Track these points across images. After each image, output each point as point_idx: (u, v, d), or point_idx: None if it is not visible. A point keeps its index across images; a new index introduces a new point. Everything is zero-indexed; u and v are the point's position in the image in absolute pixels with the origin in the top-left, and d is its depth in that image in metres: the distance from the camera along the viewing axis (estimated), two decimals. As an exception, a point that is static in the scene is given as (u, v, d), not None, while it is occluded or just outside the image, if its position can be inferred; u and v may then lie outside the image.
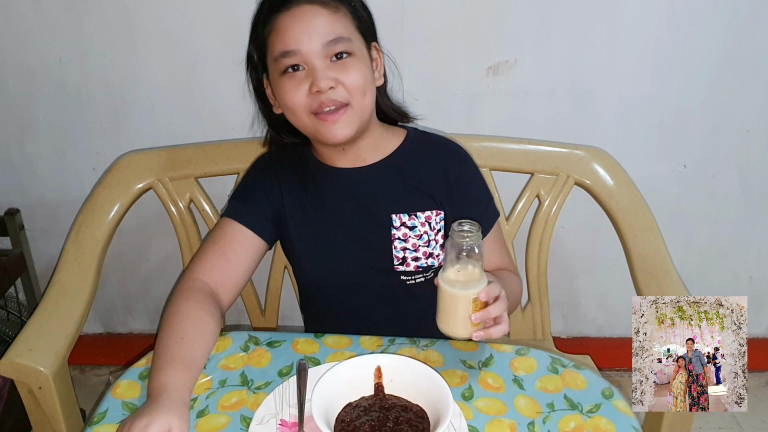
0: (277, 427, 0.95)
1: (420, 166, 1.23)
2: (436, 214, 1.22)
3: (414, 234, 1.21)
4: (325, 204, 1.23)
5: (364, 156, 1.20)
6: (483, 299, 0.99)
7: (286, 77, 1.11)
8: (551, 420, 0.97)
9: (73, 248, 1.39)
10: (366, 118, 1.15)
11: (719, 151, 1.77)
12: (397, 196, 1.22)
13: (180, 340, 1.04)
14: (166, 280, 1.98)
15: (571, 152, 1.46)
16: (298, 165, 1.24)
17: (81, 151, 1.81)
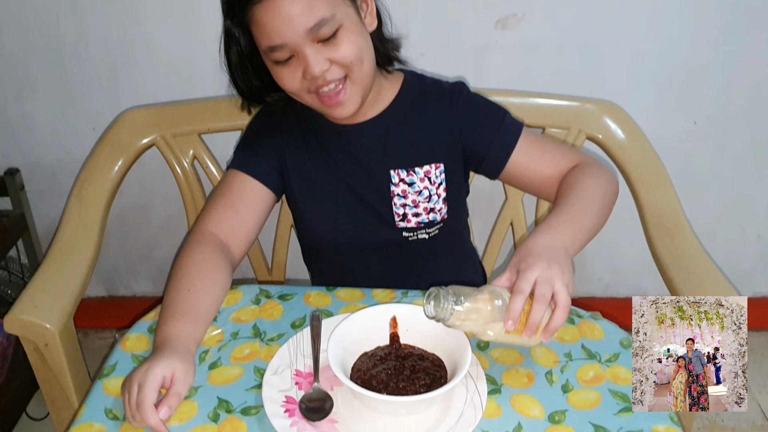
0: (292, 377, 0.93)
1: (418, 114, 1.19)
2: (435, 167, 1.19)
3: (413, 190, 1.19)
4: (326, 160, 1.21)
5: (364, 111, 1.17)
6: (510, 329, 0.89)
7: (279, 67, 1.07)
8: (569, 369, 0.96)
9: (76, 205, 1.37)
10: (368, 83, 1.11)
11: (730, 108, 1.74)
12: (396, 151, 1.19)
13: (187, 292, 1.02)
14: (169, 241, 1.96)
15: (582, 106, 1.43)
16: (301, 118, 1.21)
17: (80, 111, 1.77)
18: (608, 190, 1.14)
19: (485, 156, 1.19)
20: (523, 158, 1.17)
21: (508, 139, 1.17)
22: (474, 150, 1.19)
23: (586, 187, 1.10)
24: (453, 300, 0.87)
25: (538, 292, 0.89)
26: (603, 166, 1.18)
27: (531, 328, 0.88)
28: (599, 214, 1.09)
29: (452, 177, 1.20)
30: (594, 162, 1.18)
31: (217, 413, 0.90)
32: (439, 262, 1.28)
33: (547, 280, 0.89)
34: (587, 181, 1.12)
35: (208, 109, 1.45)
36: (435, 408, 0.88)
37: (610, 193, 1.15)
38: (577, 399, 0.91)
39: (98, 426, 0.89)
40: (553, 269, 0.90)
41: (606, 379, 0.94)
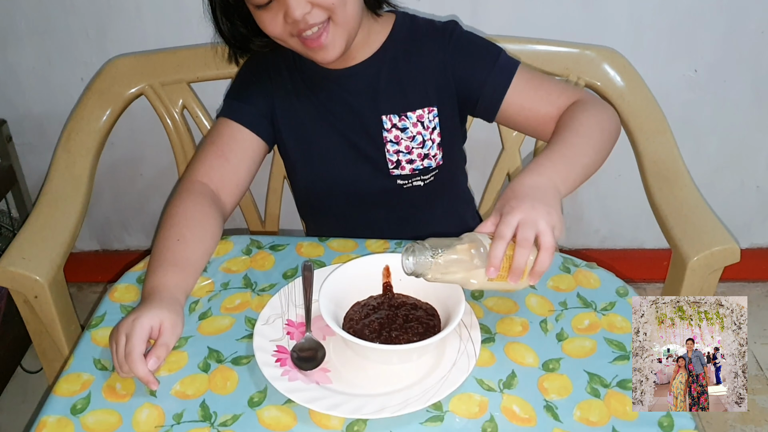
0: (283, 326, 0.92)
1: (410, 57, 1.15)
2: (429, 111, 1.15)
3: (406, 136, 1.15)
4: (317, 106, 1.17)
5: (354, 55, 1.13)
6: (493, 276, 0.85)
7: (260, 12, 1.03)
8: (564, 318, 0.95)
9: (63, 156, 1.34)
10: (353, 26, 1.06)
11: (732, 55, 1.70)
12: (387, 95, 1.15)
13: (176, 241, 1.00)
14: (161, 194, 1.94)
15: (581, 52, 1.39)
16: (290, 64, 1.17)
17: (67, 61, 1.73)
18: (606, 127, 1.09)
19: (480, 96, 1.14)
20: (518, 97, 1.13)
21: (502, 78, 1.13)
22: (468, 91, 1.15)
23: (582, 124, 1.06)
24: (430, 253, 0.85)
25: (520, 236, 0.86)
26: (603, 102, 1.14)
27: (515, 273, 0.86)
28: (596, 150, 1.05)
29: (446, 121, 1.17)
30: (593, 98, 1.14)
31: (208, 363, 0.89)
32: (435, 209, 1.26)
33: (530, 222, 0.86)
34: (583, 117, 1.07)
35: (197, 57, 1.41)
36: (428, 357, 0.87)
37: (609, 130, 1.10)
38: (572, 347, 0.90)
39: (87, 376, 0.88)
40: (537, 210, 0.87)
41: (601, 328, 0.93)
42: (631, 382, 0.85)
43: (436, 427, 0.80)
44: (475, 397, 0.83)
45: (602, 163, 1.08)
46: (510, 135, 1.44)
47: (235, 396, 0.84)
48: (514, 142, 1.45)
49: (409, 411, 0.79)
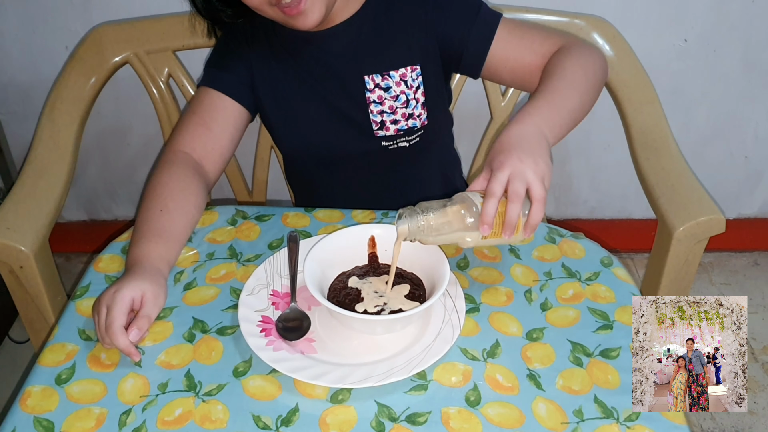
0: (268, 296, 0.92)
1: (390, 15, 1.14)
2: (412, 69, 1.14)
3: (389, 95, 1.14)
4: (297, 70, 1.16)
5: (333, 16, 1.11)
6: (486, 233, 0.86)
7: None
8: (548, 288, 0.95)
9: (47, 126, 1.32)
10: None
11: (722, 24, 1.69)
12: (369, 55, 1.14)
13: (159, 212, 1.00)
14: (148, 164, 1.92)
15: (570, 21, 1.38)
16: (269, 29, 1.15)
17: (51, 28, 1.70)
18: (591, 69, 1.07)
19: (463, 51, 1.13)
20: (503, 50, 1.12)
21: (485, 31, 1.11)
22: (451, 47, 1.14)
23: (567, 68, 1.05)
24: (422, 217, 0.86)
25: (510, 190, 0.86)
26: (589, 45, 1.13)
27: (508, 227, 0.86)
28: (583, 93, 1.04)
29: (430, 80, 1.16)
30: (578, 42, 1.12)
31: (193, 333, 0.89)
32: (421, 171, 1.25)
33: (519, 174, 0.86)
34: (568, 62, 1.06)
35: (182, 25, 1.38)
36: (412, 327, 0.88)
37: (595, 72, 1.08)
38: (556, 317, 0.91)
39: (71, 346, 0.88)
40: (525, 162, 0.87)
41: (585, 297, 0.94)
42: (614, 351, 0.86)
43: (419, 396, 0.81)
44: (459, 366, 0.84)
45: (590, 107, 1.07)
46: (498, 105, 1.43)
47: (220, 366, 0.85)
48: (503, 111, 1.44)
49: (394, 380, 0.80)
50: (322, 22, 1.05)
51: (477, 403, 0.80)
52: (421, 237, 0.87)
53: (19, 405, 0.81)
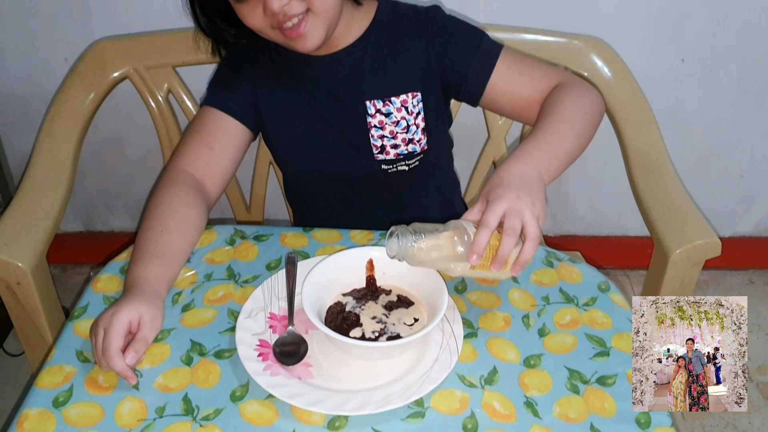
0: (266, 320, 0.92)
1: (392, 43, 1.15)
2: (413, 96, 1.15)
3: (390, 121, 1.15)
4: (300, 93, 1.17)
5: (336, 42, 1.13)
6: (475, 263, 0.86)
7: (240, 5, 1.03)
8: (546, 313, 0.95)
9: (46, 140, 1.33)
10: (333, 15, 1.06)
11: (719, 45, 1.70)
12: (371, 81, 1.15)
13: (159, 232, 1.00)
14: (146, 176, 1.93)
15: (569, 42, 1.39)
16: (273, 52, 1.16)
17: (51, 41, 1.71)
18: (590, 110, 1.09)
19: (463, 81, 1.14)
20: (502, 82, 1.13)
21: (485, 63, 1.13)
22: (451, 76, 1.15)
23: (565, 108, 1.06)
24: (413, 238, 0.86)
25: (507, 225, 0.86)
26: (586, 84, 1.14)
27: (500, 261, 0.86)
28: (579, 136, 1.05)
29: (431, 106, 1.17)
30: (576, 80, 1.13)
31: (190, 356, 0.89)
32: (421, 194, 1.26)
33: (516, 211, 0.87)
34: (566, 101, 1.07)
35: (183, 41, 1.39)
36: (410, 352, 0.88)
37: (593, 112, 1.09)
38: (553, 343, 0.91)
39: (69, 368, 0.88)
40: (522, 200, 0.88)
41: (582, 323, 0.94)
42: (610, 379, 0.86)
43: (417, 424, 0.81)
44: (457, 393, 0.84)
45: (586, 147, 1.08)
46: (496, 123, 1.44)
47: (217, 390, 0.85)
48: (500, 130, 1.45)
49: (391, 408, 0.80)
50: (322, 45, 1.06)
51: (474, 430, 0.80)
52: (409, 258, 0.87)
53: (16, 428, 0.81)
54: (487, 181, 0.94)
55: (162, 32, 1.42)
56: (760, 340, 1.88)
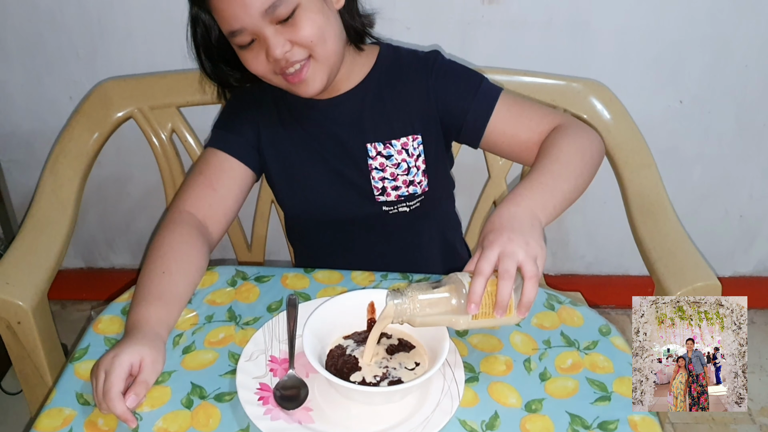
0: (266, 363, 0.92)
1: (393, 87, 1.17)
2: (413, 139, 1.16)
3: (391, 163, 1.16)
4: (302, 136, 1.19)
5: (338, 86, 1.15)
6: (474, 312, 0.85)
7: (243, 51, 1.06)
8: (548, 357, 0.95)
9: (50, 179, 1.34)
10: (335, 61, 1.08)
11: (717, 87, 1.73)
12: (372, 124, 1.16)
13: (161, 274, 1.00)
14: (148, 214, 1.93)
15: (568, 85, 1.41)
16: (277, 95, 1.18)
17: (57, 79, 1.73)
18: (588, 151, 1.09)
19: (463, 124, 1.16)
20: (501, 124, 1.14)
21: (485, 105, 1.14)
22: (451, 119, 1.17)
23: (562, 150, 1.07)
24: (409, 301, 0.86)
25: (501, 268, 0.86)
26: (584, 126, 1.15)
27: (500, 306, 0.86)
28: (577, 176, 1.06)
29: (431, 148, 1.18)
30: (574, 123, 1.14)
31: (191, 399, 0.89)
32: (422, 235, 1.27)
33: (510, 254, 0.86)
34: (564, 143, 1.08)
35: (187, 82, 1.41)
36: (411, 397, 0.87)
37: (591, 154, 1.10)
38: (555, 387, 0.91)
39: (69, 411, 0.87)
40: (515, 241, 0.88)
41: (584, 368, 0.94)
42: (612, 424, 0.86)
43: (417, 470, 0.80)
44: (458, 439, 0.84)
45: (585, 188, 1.08)
46: (496, 163, 1.45)
47: (217, 434, 0.84)
48: (501, 170, 1.46)
49: (392, 453, 0.79)
50: (324, 90, 1.08)
51: (475, 477, 0.79)
52: (410, 320, 0.87)
53: (14, 472, 0.80)
54: (483, 228, 0.94)
55: (166, 73, 1.44)
56: (762, 382, 1.87)
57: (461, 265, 0.93)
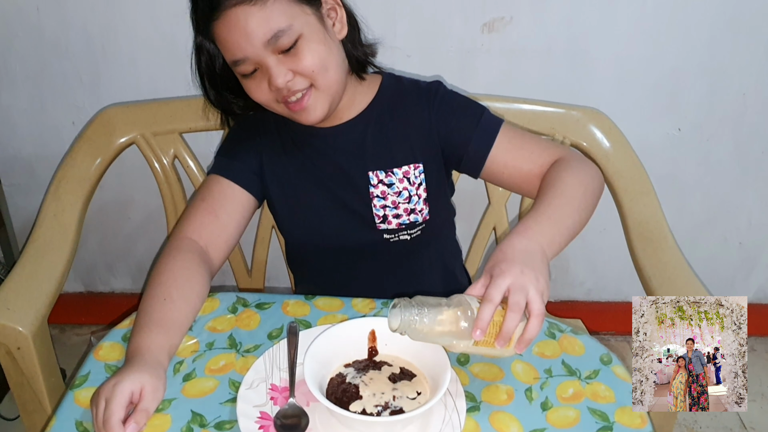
0: (267, 391, 0.92)
1: (395, 116, 1.18)
2: (414, 167, 1.17)
3: (393, 191, 1.17)
4: (304, 163, 1.20)
5: (340, 114, 1.17)
6: (478, 339, 0.85)
7: (246, 80, 1.08)
8: (549, 386, 0.95)
9: (52, 204, 1.34)
10: (336, 90, 1.10)
11: (715, 115, 1.74)
12: (374, 152, 1.17)
13: (162, 301, 1.01)
14: (148, 238, 1.94)
15: (567, 113, 1.42)
16: (280, 122, 1.20)
17: (60, 104, 1.74)
18: (590, 186, 1.11)
19: (464, 154, 1.17)
20: (502, 155, 1.15)
21: (486, 137, 1.16)
22: (453, 149, 1.18)
23: (566, 184, 1.08)
24: (416, 312, 0.86)
25: (511, 300, 0.86)
26: (585, 160, 1.16)
27: (504, 337, 0.86)
28: (580, 211, 1.07)
29: (432, 177, 1.19)
30: (575, 156, 1.15)
31: (191, 427, 0.88)
32: (423, 263, 1.27)
33: (521, 287, 0.87)
34: (567, 177, 1.09)
35: (190, 108, 1.43)
36: (413, 426, 0.87)
37: (593, 189, 1.11)
38: (556, 417, 0.90)
39: (68, 440, 0.87)
40: (527, 275, 0.88)
41: (585, 397, 0.93)
42: (614, 455, 0.85)
43: (418, 500, 0.80)
44: (459, 469, 0.83)
45: (586, 223, 1.09)
46: (496, 190, 1.46)
47: (217, 463, 0.84)
48: (501, 196, 1.47)
49: (393, 484, 0.79)
50: (325, 118, 1.09)
51: (477, 508, 0.79)
52: (411, 332, 0.87)
53: (12, 502, 0.80)
54: (490, 256, 0.94)
55: (169, 99, 1.46)
56: (763, 410, 1.86)
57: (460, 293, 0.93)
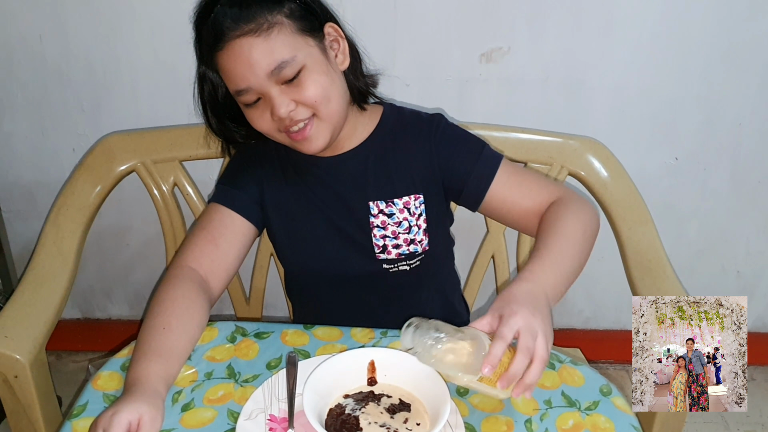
0: (266, 422, 0.91)
1: (396, 147, 1.19)
2: (415, 198, 1.18)
3: (393, 221, 1.18)
4: (305, 192, 1.20)
5: (342, 144, 1.18)
6: (487, 374, 0.86)
7: (249, 109, 1.09)
8: (549, 417, 0.95)
9: (51, 232, 1.34)
10: (338, 120, 1.11)
11: (711, 145, 1.75)
12: (374, 182, 1.18)
13: (162, 330, 1.01)
14: (147, 265, 1.94)
15: (565, 142, 1.43)
16: (281, 151, 1.21)
17: (61, 132, 1.75)
18: (588, 228, 1.12)
19: (464, 188, 1.18)
20: (501, 191, 1.17)
21: (486, 171, 1.17)
22: (453, 181, 1.19)
23: (567, 226, 1.09)
24: (434, 335, 0.86)
25: (522, 343, 0.87)
26: (583, 200, 1.17)
27: (509, 379, 0.86)
28: (580, 253, 1.08)
29: (432, 208, 1.20)
30: (574, 196, 1.17)
31: (189, 459, 0.88)
32: (422, 293, 1.27)
33: (531, 329, 0.88)
34: (568, 219, 1.10)
35: (190, 136, 1.44)
36: (411, 458, 0.87)
37: (591, 230, 1.13)
38: (556, 449, 0.90)
39: (65, 471, 0.86)
40: (536, 318, 0.90)
41: (585, 429, 0.93)
42: (614, 488, 0.85)
43: None
44: (458, 502, 0.83)
45: (585, 264, 1.10)
46: (495, 219, 1.46)
47: (215, 495, 0.83)
48: (499, 225, 1.47)
49: None
50: (326, 148, 1.10)
51: None
52: (423, 354, 0.87)
53: None
54: (497, 297, 0.95)
55: (170, 128, 1.47)
56: (763, 439, 1.85)
57: (459, 323, 0.94)
